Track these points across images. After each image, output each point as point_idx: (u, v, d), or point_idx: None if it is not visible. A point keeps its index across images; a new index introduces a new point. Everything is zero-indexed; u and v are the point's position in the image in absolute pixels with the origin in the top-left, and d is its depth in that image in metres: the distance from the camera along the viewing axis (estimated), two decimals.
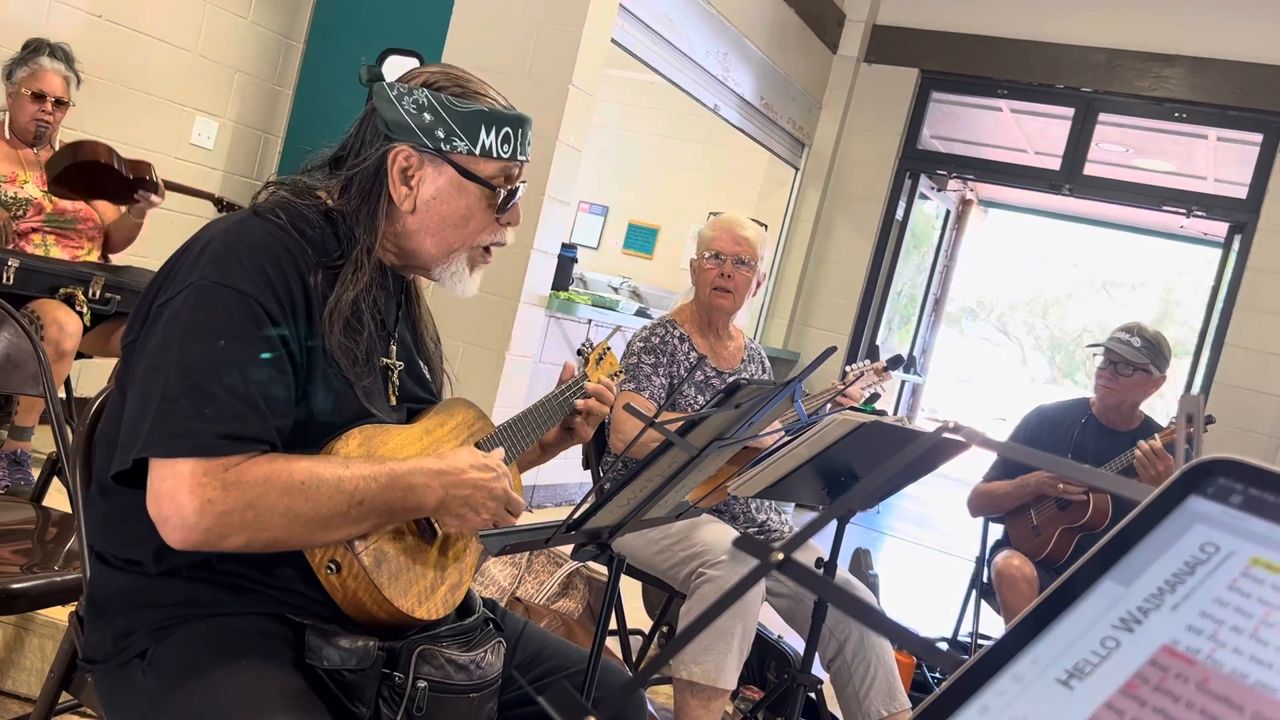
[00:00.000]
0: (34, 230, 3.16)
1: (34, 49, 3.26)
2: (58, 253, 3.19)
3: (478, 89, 1.30)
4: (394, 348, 1.35)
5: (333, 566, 1.17)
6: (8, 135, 3.22)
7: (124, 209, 3.37)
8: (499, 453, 1.33)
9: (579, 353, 1.71)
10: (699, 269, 2.56)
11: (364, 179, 1.27)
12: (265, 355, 1.13)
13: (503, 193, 1.30)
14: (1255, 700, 0.32)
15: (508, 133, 1.29)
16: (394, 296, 1.36)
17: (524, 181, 1.35)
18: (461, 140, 1.26)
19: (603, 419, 1.61)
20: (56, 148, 3.30)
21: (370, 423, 1.24)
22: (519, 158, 1.31)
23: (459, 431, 1.38)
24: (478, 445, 1.37)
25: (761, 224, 2.62)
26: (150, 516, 1.08)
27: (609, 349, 1.72)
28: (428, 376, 1.43)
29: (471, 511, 1.24)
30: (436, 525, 1.27)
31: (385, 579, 1.19)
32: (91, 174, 3.09)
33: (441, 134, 1.26)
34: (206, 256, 1.15)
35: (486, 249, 1.34)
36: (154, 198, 3.28)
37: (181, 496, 1.05)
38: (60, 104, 3.26)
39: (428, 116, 1.26)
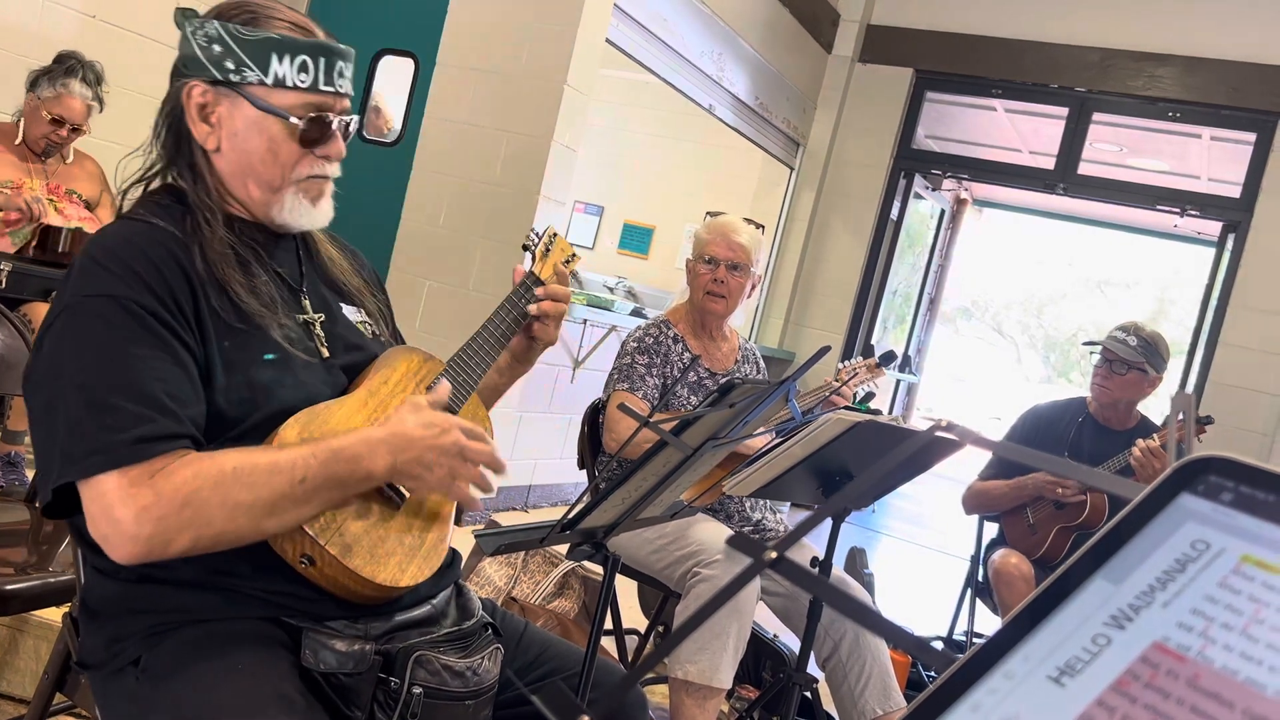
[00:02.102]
0: None
1: (67, 69, 3.17)
2: None
3: (270, 14, 1.22)
4: (307, 302, 1.31)
5: (305, 561, 1.15)
6: (17, 142, 3.20)
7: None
8: (443, 388, 1.29)
9: (525, 247, 1.56)
10: (693, 272, 2.56)
11: (170, 123, 1.24)
12: (156, 350, 1.10)
13: (301, 124, 1.22)
14: (1246, 697, 0.32)
15: (305, 61, 1.21)
16: (289, 253, 1.33)
17: (344, 114, 1.27)
18: (252, 70, 1.19)
19: (564, 315, 1.52)
20: (69, 161, 3.30)
21: (293, 393, 1.20)
22: (322, 88, 1.22)
23: (405, 383, 1.33)
24: (428, 390, 1.33)
25: (758, 225, 2.61)
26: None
27: (556, 234, 1.58)
28: (365, 321, 1.39)
29: (426, 470, 1.19)
30: (403, 489, 1.25)
31: (360, 560, 1.17)
32: None
33: (231, 65, 1.19)
34: (73, 276, 1.14)
35: (317, 179, 1.28)
36: None
37: (116, 511, 1.03)
38: (76, 129, 3.23)
39: (216, 48, 1.19)
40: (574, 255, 1.61)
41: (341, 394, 1.27)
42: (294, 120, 1.21)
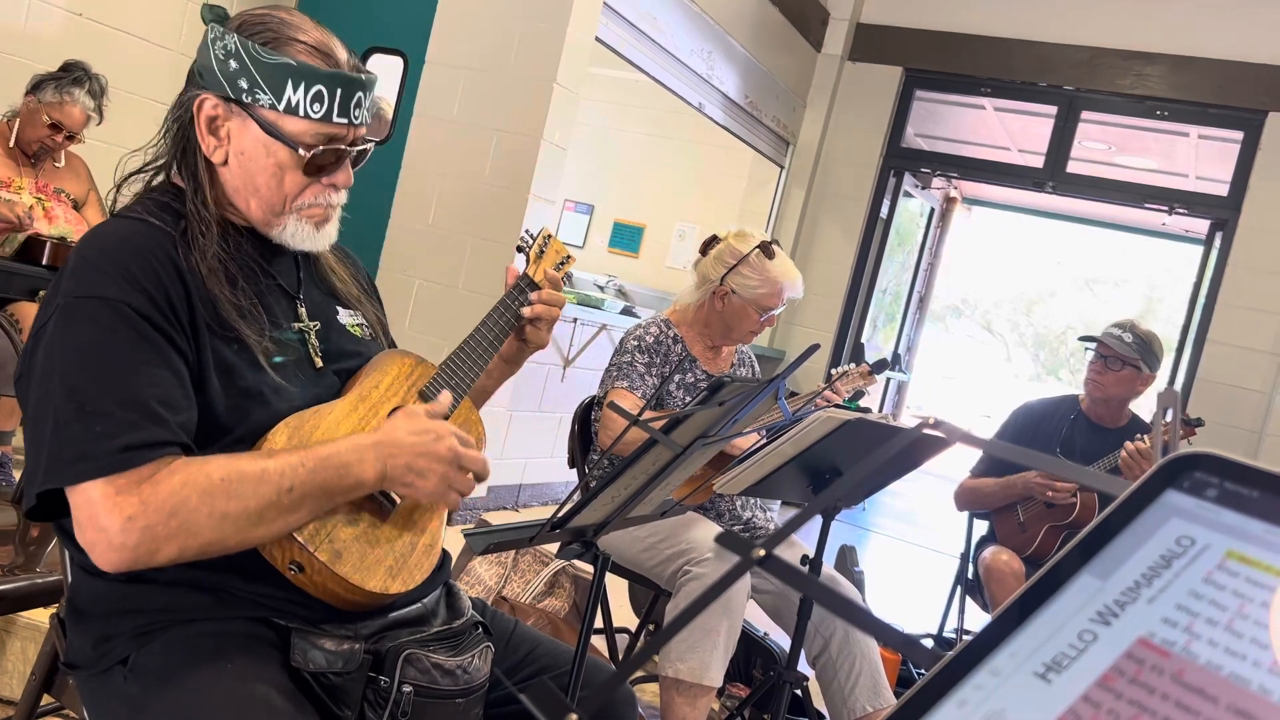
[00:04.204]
0: None
1: (75, 78, 3.17)
2: None
3: (293, 35, 1.19)
4: (303, 310, 1.30)
5: (295, 567, 1.14)
6: (11, 144, 3.19)
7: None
8: (444, 399, 1.27)
9: (519, 249, 1.54)
10: (740, 311, 2.45)
11: (178, 129, 1.22)
12: (148, 355, 1.09)
13: (307, 156, 1.20)
14: (1229, 692, 0.32)
15: (320, 91, 1.18)
16: (287, 257, 1.31)
17: (358, 145, 1.25)
18: (265, 93, 1.17)
19: (557, 319, 1.51)
20: (60, 165, 3.29)
21: (286, 401, 1.19)
22: (336, 119, 1.20)
23: (396, 388, 1.32)
24: (421, 394, 1.33)
25: (776, 241, 2.53)
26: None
27: (551, 235, 1.55)
28: (360, 323, 1.38)
29: (419, 477, 1.18)
30: (395, 495, 1.24)
31: (349, 568, 1.16)
32: None
33: (245, 84, 1.17)
34: (67, 274, 1.12)
35: (322, 207, 1.26)
36: None
37: (101, 519, 1.03)
38: (71, 137, 3.22)
39: (233, 64, 1.17)
40: (569, 258, 1.59)
41: (333, 399, 1.27)
42: (301, 151, 1.19)
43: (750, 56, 5.95)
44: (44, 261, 3.02)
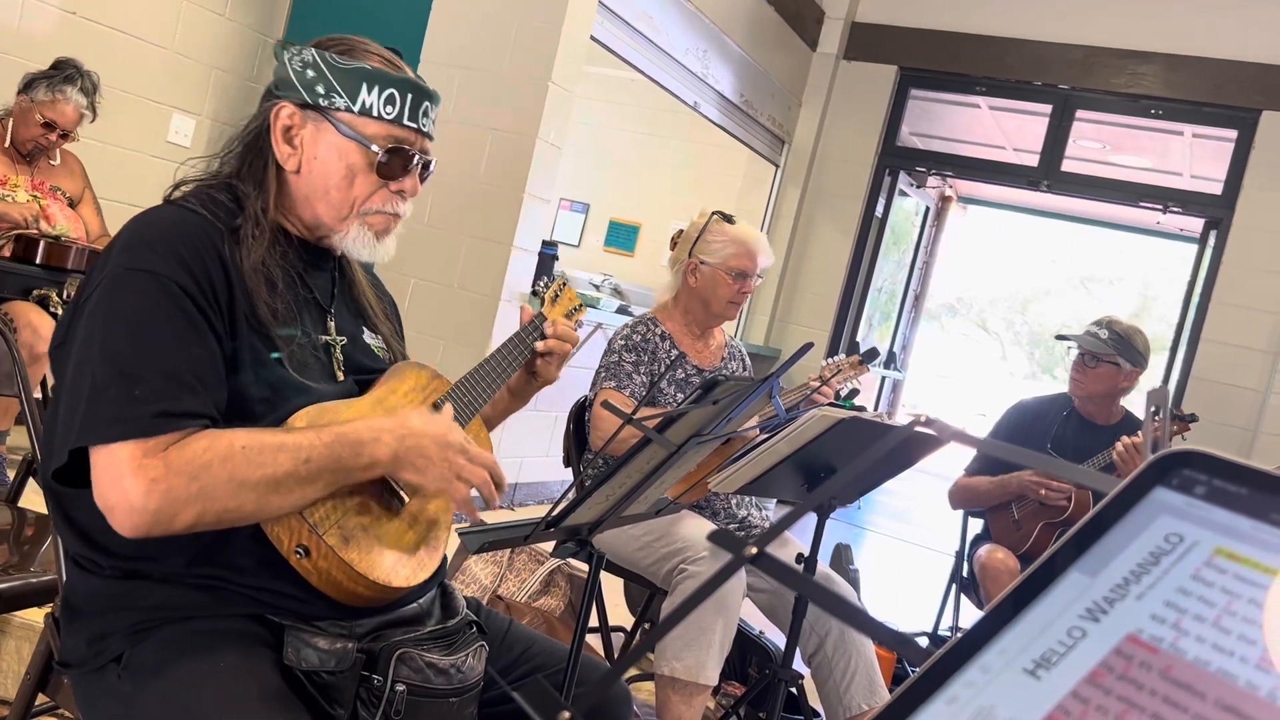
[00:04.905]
0: None
1: (66, 76, 3.17)
2: None
3: (365, 49, 1.28)
4: (332, 324, 1.34)
5: (301, 551, 1.16)
6: (6, 143, 3.18)
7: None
8: (447, 411, 1.33)
9: (534, 293, 1.65)
10: (712, 279, 2.50)
11: (250, 138, 1.28)
12: (188, 332, 1.12)
13: (381, 154, 1.26)
14: (1217, 687, 0.32)
15: (392, 94, 1.25)
16: (325, 273, 1.36)
17: (424, 153, 1.31)
18: (341, 97, 1.24)
19: (567, 357, 1.58)
20: (56, 162, 3.28)
21: (313, 400, 1.22)
22: (406, 123, 1.27)
23: (412, 395, 1.36)
24: (434, 406, 1.37)
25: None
26: (99, 510, 1.07)
27: (566, 283, 1.65)
28: (382, 347, 1.42)
29: (427, 462, 1.21)
30: (404, 494, 1.26)
31: (355, 554, 1.17)
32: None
33: (321, 89, 1.24)
34: (118, 248, 1.16)
35: (386, 215, 1.31)
36: None
37: (125, 481, 1.05)
38: (65, 135, 3.22)
39: (310, 73, 1.25)
40: (581, 305, 1.68)
41: None
42: (374, 149, 1.25)
43: (745, 55, 5.95)
44: (38, 261, 3.01)
